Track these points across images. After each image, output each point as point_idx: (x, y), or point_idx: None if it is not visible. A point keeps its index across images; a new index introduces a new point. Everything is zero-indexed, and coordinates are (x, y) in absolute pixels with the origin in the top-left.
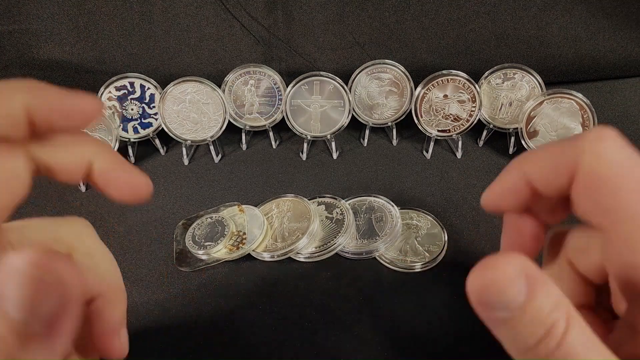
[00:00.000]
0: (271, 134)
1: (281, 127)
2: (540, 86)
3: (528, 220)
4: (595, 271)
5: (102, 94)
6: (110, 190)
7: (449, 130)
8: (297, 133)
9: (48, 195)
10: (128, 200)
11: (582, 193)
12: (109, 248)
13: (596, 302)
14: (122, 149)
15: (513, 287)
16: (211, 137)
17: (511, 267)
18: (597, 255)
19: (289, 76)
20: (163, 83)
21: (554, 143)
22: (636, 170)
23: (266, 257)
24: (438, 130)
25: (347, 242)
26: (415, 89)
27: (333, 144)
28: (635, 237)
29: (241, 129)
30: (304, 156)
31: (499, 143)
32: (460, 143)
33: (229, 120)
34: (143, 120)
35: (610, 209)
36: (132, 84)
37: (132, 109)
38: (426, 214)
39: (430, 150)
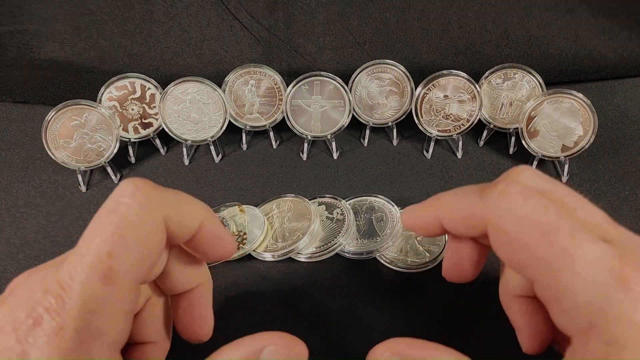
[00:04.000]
0: (271, 134)
1: (281, 127)
2: (541, 86)
3: (468, 244)
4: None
5: (102, 94)
6: (210, 249)
7: (450, 130)
8: (297, 133)
9: (48, 195)
10: (217, 259)
11: (495, 246)
12: None
13: None
14: (122, 149)
15: None
16: (212, 137)
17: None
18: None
19: (290, 76)
20: (163, 83)
21: (466, 192)
22: (541, 223)
23: (267, 257)
24: (438, 130)
25: (348, 242)
26: (416, 89)
27: (333, 144)
28: (547, 284)
29: (241, 129)
30: (304, 156)
31: (500, 143)
32: (460, 143)
33: (230, 120)
34: (143, 120)
35: (523, 263)
36: (132, 84)
37: (132, 109)
38: None
39: (430, 150)
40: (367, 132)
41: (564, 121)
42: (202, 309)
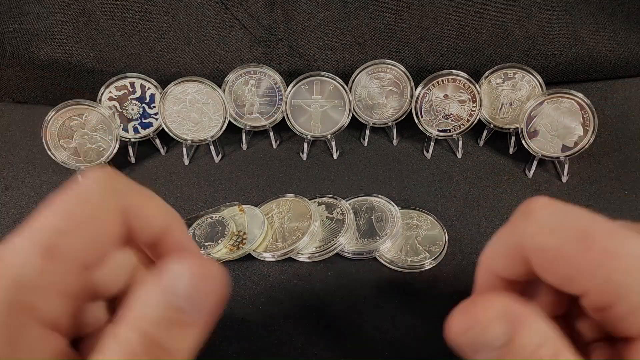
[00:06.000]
0: (271, 134)
1: (281, 127)
2: (541, 86)
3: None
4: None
5: (102, 94)
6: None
7: (450, 130)
8: (297, 133)
9: (48, 195)
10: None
11: (539, 271)
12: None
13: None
14: (122, 149)
15: (494, 328)
16: (211, 137)
17: (492, 309)
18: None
19: (290, 76)
20: (163, 83)
21: (500, 232)
22: (574, 230)
23: (267, 257)
24: (438, 130)
25: (348, 242)
26: (416, 88)
27: (333, 143)
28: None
29: (241, 129)
30: (304, 156)
31: (500, 143)
32: (460, 143)
33: (230, 120)
34: (143, 120)
35: (569, 278)
36: (132, 84)
37: (132, 109)
38: (427, 213)
39: (430, 150)
40: (367, 132)
41: (564, 121)
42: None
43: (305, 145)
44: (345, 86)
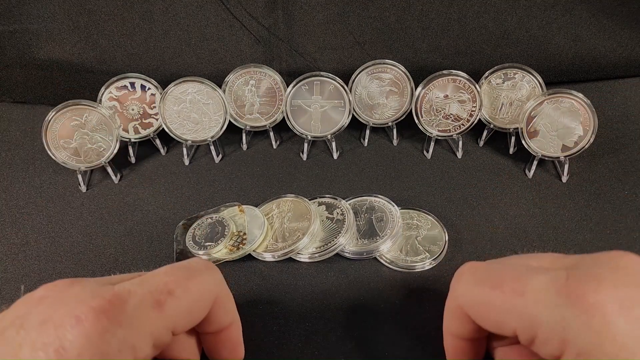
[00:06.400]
0: (272, 134)
1: (281, 127)
2: (541, 86)
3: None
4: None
5: (102, 94)
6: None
7: (450, 130)
8: (297, 133)
9: (48, 195)
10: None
11: (480, 322)
12: (109, 248)
13: None
14: (122, 149)
15: None
16: (212, 137)
17: None
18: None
19: (290, 76)
20: (164, 83)
21: (447, 300)
22: (488, 281)
23: (267, 257)
24: (438, 130)
25: (348, 242)
26: (416, 88)
27: (333, 144)
28: None
29: (242, 129)
30: (304, 156)
31: (500, 143)
32: (460, 143)
33: (230, 121)
34: (144, 120)
35: (497, 324)
36: (132, 84)
37: (132, 109)
38: (427, 213)
39: (430, 150)
40: (367, 132)
41: (564, 121)
42: (234, 344)
43: (305, 145)
44: (345, 86)
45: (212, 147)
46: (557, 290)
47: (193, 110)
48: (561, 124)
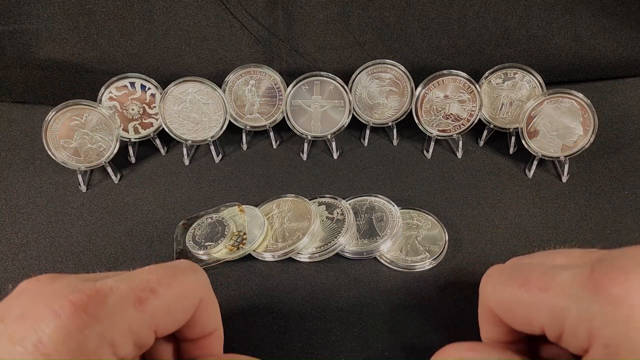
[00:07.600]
0: (272, 134)
1: (282, 127)
2: (541, 86)
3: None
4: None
5: (102, 94)
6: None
7: (450, 130)
8: (297, 133)
9: (48, 195)
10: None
11: (509, 322)
12: (108, 248)
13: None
14: (122, 149)
15: None
16: (212, 137)
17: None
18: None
19: (290, 76)
20: (164, 83)
21: (479, 307)
22: (515, 280)
23: (267, 257)
24: (438, 130)
25: (348, 242)
26: (416, 88)
27: (333, 144)
28: None
29: (242, 129)
30: (304, 156)
31: (500, 143)
32: (460, 143)
33: (230, 121)
34: (144, 120)
35: (527, 322)
36: (132, 84)
37: (132, 109)
38: (427, 213)
39: (430, 150)
40: (367, 132)
41: (564, 121)
42: (214, 354)
43: (306, 145)
44: (345, 86)
45: (212, 147)
46: (582, 283)
47: (193, 110)
48: (561, 124)
